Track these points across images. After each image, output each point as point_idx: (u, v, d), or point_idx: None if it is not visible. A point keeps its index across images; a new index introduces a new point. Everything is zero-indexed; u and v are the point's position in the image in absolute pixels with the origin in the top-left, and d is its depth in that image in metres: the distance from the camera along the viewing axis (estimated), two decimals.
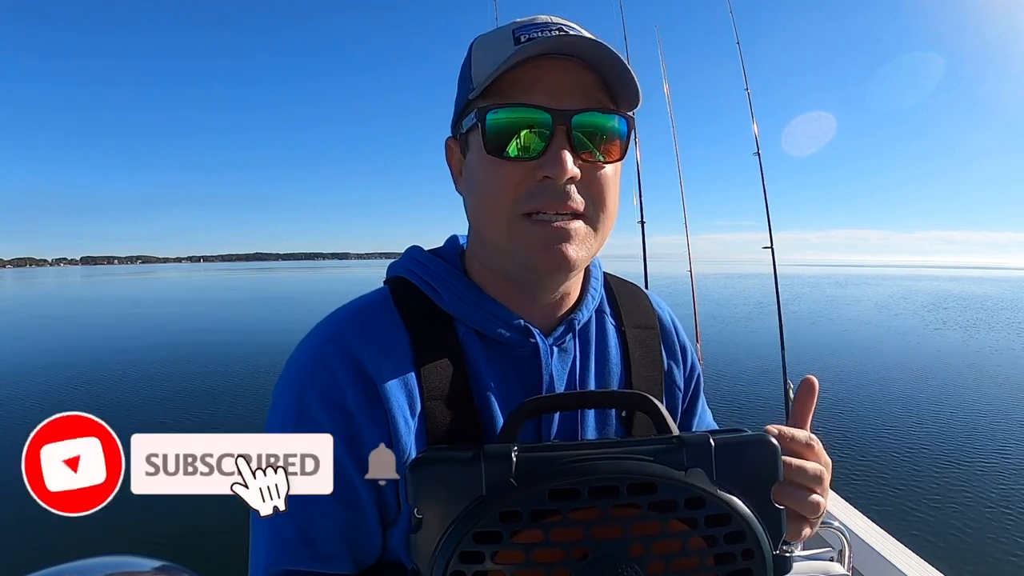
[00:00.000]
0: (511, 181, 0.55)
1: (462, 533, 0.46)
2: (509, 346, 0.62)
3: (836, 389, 8.89)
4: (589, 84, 0.56)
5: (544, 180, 0.55)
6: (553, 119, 0.54)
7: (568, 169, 0.54)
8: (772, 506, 0.50)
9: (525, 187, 0.55)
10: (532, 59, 0.54)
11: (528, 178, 0.55)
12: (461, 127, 0.61)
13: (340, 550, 0.55)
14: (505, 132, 0.55)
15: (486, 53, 0.58)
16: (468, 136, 0.60)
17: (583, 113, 0.55)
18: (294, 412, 0.55)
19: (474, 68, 0.59)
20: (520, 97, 0.55)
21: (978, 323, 18.96)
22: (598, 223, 0.58)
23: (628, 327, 0.70)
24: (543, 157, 0.54)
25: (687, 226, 4.08)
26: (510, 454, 0.47)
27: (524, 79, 0.55)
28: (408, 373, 0.58)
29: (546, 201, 0.55)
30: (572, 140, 0.55)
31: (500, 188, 0.56)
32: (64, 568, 0.55)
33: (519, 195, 0.56)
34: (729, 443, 0.50)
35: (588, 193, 0.57)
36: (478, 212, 0.60)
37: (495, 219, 0.57)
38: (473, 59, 0.60)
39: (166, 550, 3.92)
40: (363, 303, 0.63)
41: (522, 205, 0.56)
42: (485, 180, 0.57)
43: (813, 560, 1.40)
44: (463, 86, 0.61)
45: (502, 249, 0.59)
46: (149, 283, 57.73)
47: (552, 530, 0.46)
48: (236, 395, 8.62)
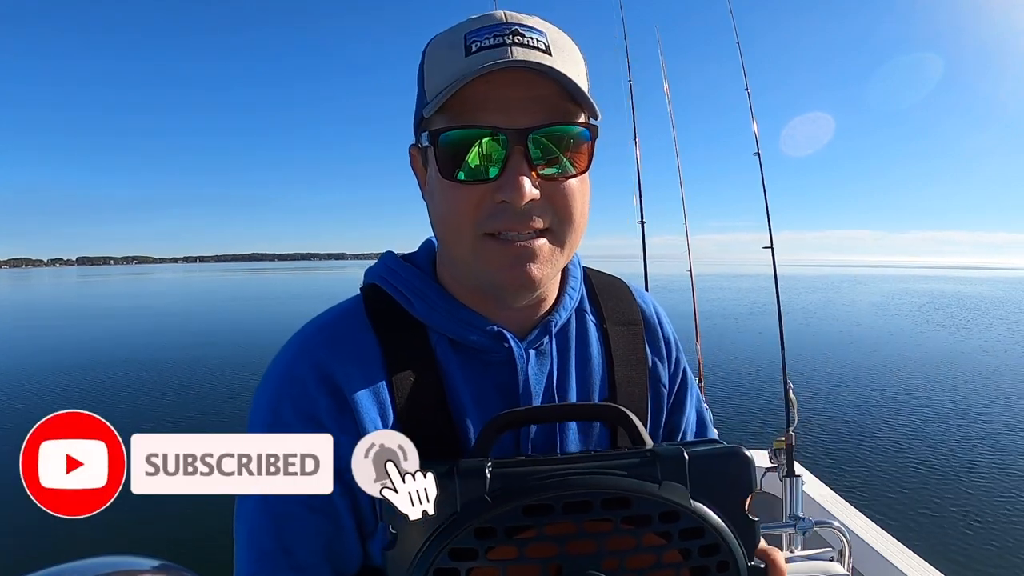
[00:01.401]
0: (469, 204, 0.54)
1: (437, 550, 0.46)
2: (483, 352, 0.61)
3: (836, 389, 8.89)
4: (548, 94, 0.53)
5: (503, 203, 0.53)
6: (508, 139, 0.51)
7: (526, 193, 0.52)
8: (746, 517, 0.50)
9: (484, 209, 0.54)
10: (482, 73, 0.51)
11: (487, 200, 0.53)
12: (421, 141, 0.58)
13: (318, 560, 0.56)
14: (458, 155, 0.53)
15: (437, 62, 0.55)
16: (426, 151, 0.57)
17: (540, 130, 0.52)
18: (269, 424, 0.56)
19: (427, 80, 0.56)
20: (472, 116, 0.52)
21: (971, 324, 18.95)
22: (565, 237, 0.57)
23: (610, 325, 0.68)
24: (500, 179, 0.52)
25: (687, 226, 4.08)
26: (484, 470, 0.48)
27: (475, 95, 0.52)
28: (379, 383, 0.57)
29: (506, 223, 0.53)
30: (530, 158, 0.52)
31: (459, 211, 0.54)
32: (64, 568, 0.55)
33: (479, 217, 0.54)
34: (703, 456, 0.50)
35: (552, 209, 0.55)
36: (440, 229, 0.59)
37: (458, 239, 0.56)
38: (426, 68, 0.57)
39: (166, 550, 3.92)
40: (335, 314, 0.63)
41: (483, 226, 0.54)
42: (444, 201, 0.55)
43: (813, 560, 1.40)
44: (419, 95, 0.58)
45: (468, 268, 0.58)
46: (144, 284, 57.67)
47: (527, 546, 0.47)
48: (228, 394, 8.62)
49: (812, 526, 1.40)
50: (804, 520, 1.40)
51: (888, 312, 22.55)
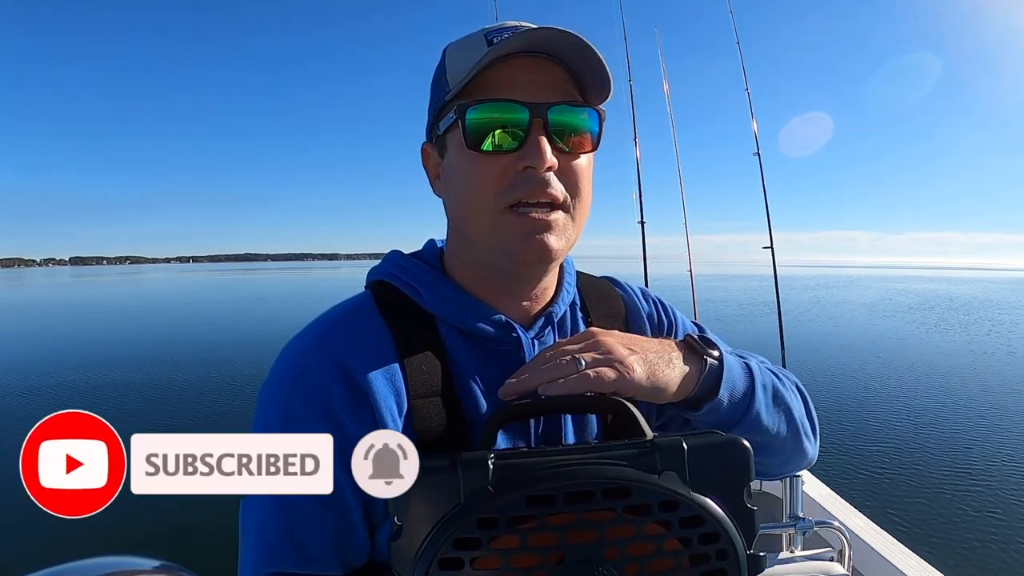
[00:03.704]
0: (493, 174, 0.57)
1: (442, 540, 0.47)
2: (491, 341, 0.63)
3: (835, 389, 8.90)
4: (560, 79, 0.59)
5: (525, 171, 0.57)
6: (530, 112, 0.56)
7: (548, 158, 0.57)
8: (745, 506, 0.51)
9: (507, 179, 0.58)
10: (504, 58, 0.57)
11: (509, 170, 0.57)
12: (438, 129, 0.62)
13: (327, 552, 0.56)
14: (484, 127, 0.57)
15: (460, 57, 0.60)
16: (446, 137, 0.61)
17: (558, 106, 0.58)
18: (280, 418, 0.56)
19: (449, 71, 0.61)
20: (496, 93, 0.57)
21: (969, 323, 18.97)
22: (575, 212, 0.61)
23: (595, 319, 0.72)
24: (523, 148, 0.57)
25: (687, 226, 4.09)
26: (487, 461, 0.48)
27: (498, 77, 0.57)
28: (394, 372, 0.59)
29: (528, 191, 0.57)
30: (549, 132, 0.57)
31: (482, 181, 0.58)
32: (64, 568, 0.55)
33: (502, 187, 0.58)
34: (701, 446, 0.51)
35: (566, 182, 0.59)
36: (461, 208, 0.62)
37: (480, 213, 0.59)
38: (448, 64, 0.62)
39: (166, 550, 3.92)
40: (346, 307, 0.64)
41: (505, 197, 0.58)
42: (467, 175, 0.59)
43: (813, 560, 1.40)
44: (438, 90, 0.63)
45: (487, 242, 0.60)
46: (137, 284, 57.69)
47: (529, 535, 0.47)
48: (223, 395, 8.62)
49: (812, 526, 1.40)
50: (804, 520, 1.40)
51: (888, 312, 22.56)
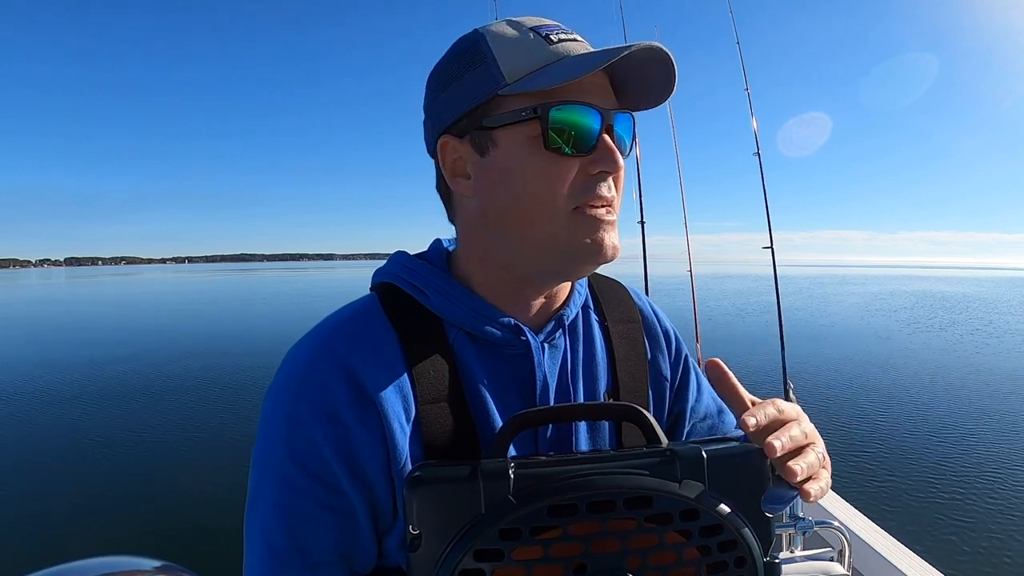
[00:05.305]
0: (567, 176, 0.57)
1: (463, 551, 0.46)
2: (500, 345, 0.62)
3: (835, 389, 8.90)
4: (608, 86, 0.60)
5: (599, 174, 0.58)
6: (602, 117, 0.57)
7: (620, 164, 0.58)
8: (762, 514, 0.51)
9: (578, 182, 0.58)
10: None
11: (580, 173, 0.58)
12: (481, 122, 0.58)
13: (333, 559, 0.56)
14: (564, 128, 0.57)
15: (513, 50, 0.57)
16: (495, 132, 0.58)
17: (619, 113, 0.59)
18: (286, 425, 0.55)
19: (501, 62, 0.57)
20: (577, 96, 0.57)
21: (968, 323, 18.96)
22: (617, 215, 0.62)
23: (611, 322, 0.71)
24: (596, 153, 0.57)
25: (687, 226, 4.09)
26: (507, 471, 0.48)
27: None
28: (401, 377, 0.57)
29: (596, 195, 0.58)
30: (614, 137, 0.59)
31: (556, 183, 0.57)
32: (64, 568, 0.55)
33: (574, 189, 0.58)
34: (720, 454, 0.51)
35: (615, 188, 0.61)
36: (521, 209, 0.58)
37: (551, 215, 0.57)
38: (495, 53, 0.57)
39: (166, 550, 3.92)
40: (351, 310, 0.62)
41: (576, 198, 0.58)
42: (538, 176, 0.57)
43: (813, 560, 1.40)
44: (477, 80, 0.58)
45: (553, 244, 0.58)
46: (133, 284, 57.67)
47: (552, 546, 0.47)
48: (223, 395, 8.62)
49: (812, 526, 1.40)
50: (804, 520, 1.40)
51: (886, 312, 22.56)
